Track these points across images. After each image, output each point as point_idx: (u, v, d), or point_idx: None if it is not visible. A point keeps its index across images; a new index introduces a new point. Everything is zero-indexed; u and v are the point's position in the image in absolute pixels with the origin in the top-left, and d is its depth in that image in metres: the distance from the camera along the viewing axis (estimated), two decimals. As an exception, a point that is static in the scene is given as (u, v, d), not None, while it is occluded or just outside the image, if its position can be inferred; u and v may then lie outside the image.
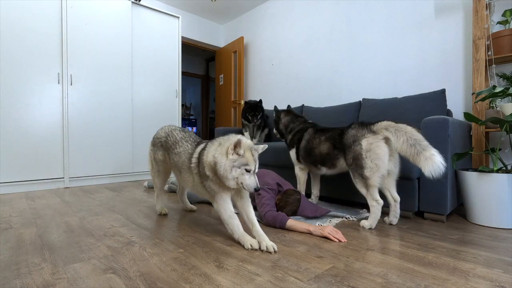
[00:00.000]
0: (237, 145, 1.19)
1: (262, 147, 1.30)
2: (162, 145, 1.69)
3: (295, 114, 2.20)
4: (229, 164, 1.20)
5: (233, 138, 1.26)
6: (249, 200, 1.39)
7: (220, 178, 1.26)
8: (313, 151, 1.87)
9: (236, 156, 1.21)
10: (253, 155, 1.23)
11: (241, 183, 1.23)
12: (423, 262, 1.12)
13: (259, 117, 3.02)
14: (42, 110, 2.79)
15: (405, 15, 2.68)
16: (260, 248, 1.24)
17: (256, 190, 1.23)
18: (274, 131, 2.32)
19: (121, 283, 0.94)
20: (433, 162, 1.32)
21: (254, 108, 3.02)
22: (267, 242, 1.24)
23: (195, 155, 1.43)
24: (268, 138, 3.37)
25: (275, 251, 1.22)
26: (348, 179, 1.84)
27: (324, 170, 1.85)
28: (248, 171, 1.22)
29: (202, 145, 1.46)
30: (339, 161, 1.73)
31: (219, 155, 1.23)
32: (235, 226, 1.31)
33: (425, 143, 1.39)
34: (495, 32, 2.06)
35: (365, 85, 2.99)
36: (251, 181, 1.22)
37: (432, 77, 2.51)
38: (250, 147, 1.24)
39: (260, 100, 3.13)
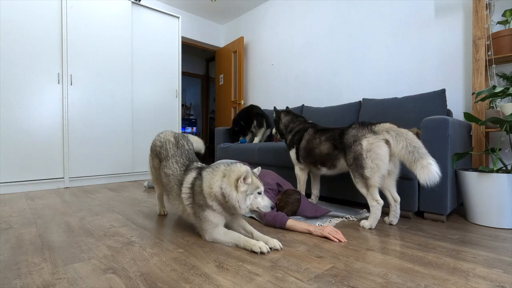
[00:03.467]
0: (246, 177, 1.23)
1: (257, 169, 1.39)
2: (157, 155, 1.63)
3: (295, 114, 2.20)
4: (242, 196, 1.23)
5: (238, 168, 1.27)
6: (240, 214, 1.38)
7: (230, 208, 1.27)
8: (313, 151, 1.87)
9: (246, 186, 1.24)
10: (257, 178, 1.29)
11: (257, 207, 1.27)
12: (423, 262, 1.12)
13: (240, 136, 3.30)
14: (42, 110, 2.79)
15: (405, 15, 2.68)
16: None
17: (273, 208, 1.29)
18: (274, 131, 2.32)
19: (121, 283, 0.94)
20: (429, 171, 1.33)
21: (233, 132, 3.30)
22: (272, 240, 1.26)
23: (186, 184, 1.38)
24: (269, 139, 3.37)
25: (281, 248, 1.24)
26: (348, 179, 1.84)
27: (324, 170, 1.85)
28: (259, 193, 1.27)
29: (193, 173, 1.39)
30: (340, 161, 1.73)
31: (227, 186, 1.23)
32: (236, 235, 1.29)
33: (423, 151, 1.40)
34: (495, 32, 2.06)
35: (365, 85, 2.99)
36: (265, 201, 1.28)
37: (432, 77, 2.51)
38: (253, 172, 1.30)
39: (234, 122, 3.27)
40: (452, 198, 1.73)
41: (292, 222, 1.51)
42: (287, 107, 2.34)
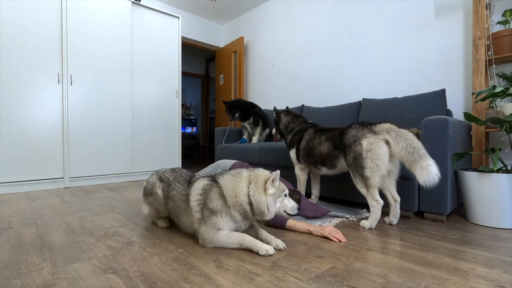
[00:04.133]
0: (274, 179, 1.23)
1: (276, 173, 1.32)
2: (158, 187, 1.52)
3: (295, 114, 2.20)
4: (272, 199, 1.23)
5: (263, 173, 1.27)
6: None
7: (255, 215, 1.25)
8: (313, 151, 1.87)
9: (274, 189, 1.24)
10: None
11: (284, 210, 1.28)
12: (423, 262, 1.12)
13: (236, 115, 3.27)
14: (42, 110, 2.79)
15: (405, 15, 2.68)
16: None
17: (299, 210, 1.30)
18: (274, 131, 2.32)
19: (121, 283, 0.94)
20: (428, 172, 1.34)
21: (232, 106, 3.27)
22: (275, 240, 1.27)
23: (196, 191, 1.32)
24: (269, 138, 3.37)
25: (284, 248, 1.25)
26: (348, 179, 1.84)
27: (324, 170, 1.85)
28: (285, 195, 1.29)
29: (202, 181, 1.35)
30: (340, 161, 1.73)
31: (255, 193, 1.22)
32: (240, 235, 1.26)
33: (423, 152, 1.40)
34: (495, 32, 2.06)
35: (365, 85, 2.99)
36: (291, 203, 1.29)
37: (432, 77, 2.51)
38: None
39: (238, 100, 3.30)
40: (452, 198, 1.73)
41: (292, 222, 1.52)
42: (287, 107, 2.34)
